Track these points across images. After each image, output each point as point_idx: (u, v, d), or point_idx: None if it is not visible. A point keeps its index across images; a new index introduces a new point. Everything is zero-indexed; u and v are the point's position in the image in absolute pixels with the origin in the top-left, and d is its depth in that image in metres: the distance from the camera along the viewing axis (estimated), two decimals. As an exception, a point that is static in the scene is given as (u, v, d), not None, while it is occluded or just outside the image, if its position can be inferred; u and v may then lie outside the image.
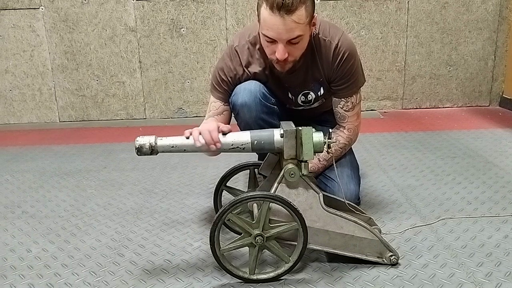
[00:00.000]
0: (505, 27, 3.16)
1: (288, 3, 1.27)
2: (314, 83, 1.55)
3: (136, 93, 3.26)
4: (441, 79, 3.27)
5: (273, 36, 1.33)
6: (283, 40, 1.33)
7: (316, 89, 1.57)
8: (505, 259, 1.32)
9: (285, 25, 1.30)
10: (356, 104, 1.56)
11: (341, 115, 1.57)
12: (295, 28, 1.31)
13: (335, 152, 1.56)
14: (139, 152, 1.24)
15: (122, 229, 1.60)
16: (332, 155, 1.53)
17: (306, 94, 1.58)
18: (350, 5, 3.10)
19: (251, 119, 1.52)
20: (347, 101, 1.55)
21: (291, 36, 1.32)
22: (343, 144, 1.58)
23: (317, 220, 1.25)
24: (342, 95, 1.54)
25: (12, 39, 3.15)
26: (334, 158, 1.53)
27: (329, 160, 1.57)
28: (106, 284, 1.27)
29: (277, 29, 1.31)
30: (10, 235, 1.57)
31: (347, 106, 1.55)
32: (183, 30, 3.13)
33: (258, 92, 1.50)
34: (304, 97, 1.59)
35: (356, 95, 1.55)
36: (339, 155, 1.60)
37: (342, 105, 1.55)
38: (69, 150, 2.60)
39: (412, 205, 1.71)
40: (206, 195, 1.87)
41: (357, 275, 1.26)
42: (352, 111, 1.56)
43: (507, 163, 2.13)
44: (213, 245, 1.19)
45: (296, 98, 1.60)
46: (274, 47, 1.36)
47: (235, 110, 1.54)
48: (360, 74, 1.55)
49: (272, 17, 1.30)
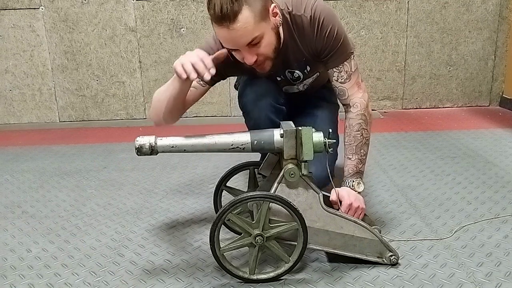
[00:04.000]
0: (505, 27, 3.16)
1: (226, 13, 1.23)
2: (298, 63, 1.51)
3: (136, 93, 3.26)
4: (441, 79, 3.27)
5: (231, 46, 1.32)
6: (242, 47, 1.30)
7: (302, 67, 1.53)
8: (505, 259, 1.32)
9: (233, 33, 1.26)
10: (351, 72, 1.45)
11: (339, 90, 1.47)
12: (246, 33, 1.27)
13: (355, 139, 1.44)
14: (139, 152, 1.24)
15: (122, 229, 1.60)
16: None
17: (292, 72, 1.54)
18: (350, 5, 3.10)
19: (260, 120, 1.50)
20: (340, 71, 1.45)
21: (246, 41, 1.28)
22: (358, 125, 1.44)
23: (317, 220, 1.25)
24: (333, 65, 1.45)
25: (12, 39, 3.15)
26: (358, 144, 1.44)
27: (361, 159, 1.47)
28: (106, 284, 1.27)
29: (229, 39, 1.29)
30: (10, 235, 1.57)
31: (342, 77, 1.45)
32: (183, 30, 3.13)
33: (267, 93, 1.50)
34: (291, 74, 1.55)
35: (348, 63, 1.45)
36: (363, 139, 1.45)
37: (337, 76, 1.45)
38: (69, 150, 2.60)
39: (412, 205, 1.71)
40: (206, 195, 1.87)
41: (357, 275, 1.26)
42: (348, 81, 1.45)
43: (507, 163, 2.13)
44: (213, 245, 1.19)
45: (285, 75, 1.56)
46: (240, 54, 1.33)
47: (245, 109, 1.53)
48: (345, 38, 1.44)
49: (220, 30, 1.28)
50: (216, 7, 1.23)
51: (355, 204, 1.36)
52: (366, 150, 1.47)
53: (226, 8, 1.22)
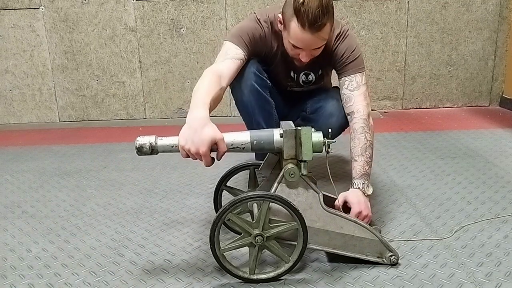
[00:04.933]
0: (505, 27, 3.16)
1: (319, 23, 1.39)
2: (315, 65, 1.67)
3: (136, 93, 3.26)
4: (441, 79, 3.27)
5: (301, 47, 1.48)
6: (308, 49, 1.49)
7: (316, 70, 1.71)
8: (505, 259, 1.32)
9: (314, 40, 1.45)
10: (361, 84, 1.58)
11: (347, 97, 1.57)
12: (321, 42, 1.48)
13: (359, 141, 1.49)
14: (139, 152, 1.24)
15: (122, 229, 1.60)
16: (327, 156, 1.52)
17: (307, 74, 1.70)
18: (350, 5, 3.10)
19: (246, 87, 1.59)
20: (351, 80, 1.58)
21: (316, 47, 1.49)
22: (361, 128, 1.51)
23: (317, 220, 1.25)
24: (346, 74, 1.59)
25: (12, 39, 3.16)
26: (363, 146, 1.48)
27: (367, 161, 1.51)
28: (106, 284, 1.27)
29: (306, 43, 1.46)
30: (10, 235, 1.57)
31: (352, 85, 1.57)
32: (183, 30, 3.13)
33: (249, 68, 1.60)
34: (305, 77, 1.71)
35: (360, 76, 1.58)
36: (367, 141, 1.50)
37: (347, 85, 1.58)
38: (69, 150, 2.60)
39: (412, 205, 1.71)
40: (206, 195, 1.87)
41: (357, 275, 1.26)
42: (357, 90, 1.57)
43: (507, 163, 2.13)
44: (213, 245, 1.19)
45: (298, 77, 1.73)
46: (299, 51, 1.50)
47: (233, 90, 1.66)
48: (361, 55, 1.61)
49: (303, 34, 1.43)
50: (310, 14, 1.38)
51: (365, 212, 1.39)
52: (370, 152, 1.50)
53: (319, 19, 1.39)
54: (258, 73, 1.61)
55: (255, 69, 1.60)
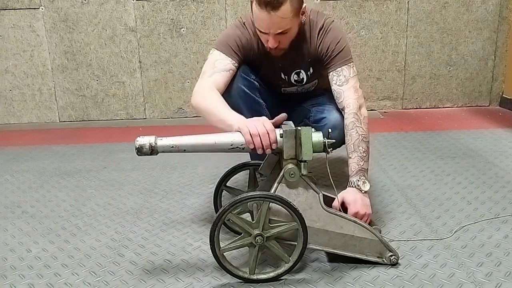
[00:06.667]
0: (505, 27, 3.16)
1: (274, 2, 1.40)
2: (304, 62, 1.67)
3: (136, 93, 3.26)
4: (441, 79, 3.27)
5: (263, 29, 1.49)
6: (272, 33, 1.49)
7: (306, 68, 1.69)
8: (505, 259, 1.32)
9: (271, 20, 1.44)
10: (349, 77, 1.56)
11: (337, 93, 1.57)
12: (281, 22, 1.46)
13: (351, 137, 1.47)
14: (139, 152, 1.24)
15: (122, 229, 1.60)
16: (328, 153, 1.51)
17: (298, 73, 1.70)
18: (350, 5, 3.10)
19: (234, 90, 1.60)
20: (339, 74, 1.57)
21: (278, 30, 1.47)
22: (352, 123, 1.49)
23: (317, 220, 1.25)
24: (333, 68, 1.58)
25: (12, 39, 3.16)
26: (355, 142, 1.47)
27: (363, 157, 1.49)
28: (106, 284, 1.27)
29: (265, 23, 1.47)
30: (10, 235, 1.57)
31: (340, 80, 1.56)
32: (183, 30, 3.13)
33: (238, 73, 1.61)
34: (297, 76, 1.71)
35: (347, 69, 1.57)
36: (358, 136, 1.47)
37: (335, 80, 1.57)
38: (69, 150, 2.60)
39: (412, 205, 1.71)
40: (206, 195, 1.87)
41: (357, 275, 1.26)
42: (346, 84, 1.56)
43: (507, 163, 2.13)
44: (213, 245, 1.19)
45: (289, 77, 1.71)
46: (267, 36, 1.52)
47: (225, 96, 1.64)
48: (346, 46, 1.59)
49: (260, 13, 1.44)
50: None
51: (362, 211, 1.37)
52: (364, 147, 1.47)
53: None
54: (245, 75, 1.62)
55: (241, 72, 1.61)
